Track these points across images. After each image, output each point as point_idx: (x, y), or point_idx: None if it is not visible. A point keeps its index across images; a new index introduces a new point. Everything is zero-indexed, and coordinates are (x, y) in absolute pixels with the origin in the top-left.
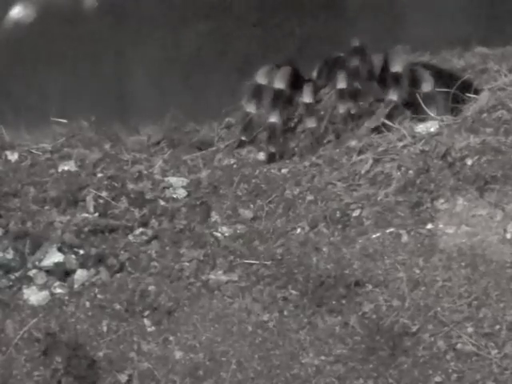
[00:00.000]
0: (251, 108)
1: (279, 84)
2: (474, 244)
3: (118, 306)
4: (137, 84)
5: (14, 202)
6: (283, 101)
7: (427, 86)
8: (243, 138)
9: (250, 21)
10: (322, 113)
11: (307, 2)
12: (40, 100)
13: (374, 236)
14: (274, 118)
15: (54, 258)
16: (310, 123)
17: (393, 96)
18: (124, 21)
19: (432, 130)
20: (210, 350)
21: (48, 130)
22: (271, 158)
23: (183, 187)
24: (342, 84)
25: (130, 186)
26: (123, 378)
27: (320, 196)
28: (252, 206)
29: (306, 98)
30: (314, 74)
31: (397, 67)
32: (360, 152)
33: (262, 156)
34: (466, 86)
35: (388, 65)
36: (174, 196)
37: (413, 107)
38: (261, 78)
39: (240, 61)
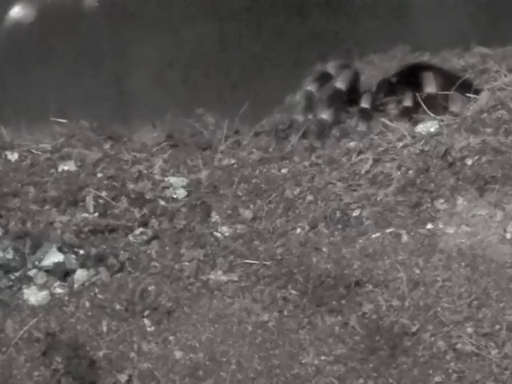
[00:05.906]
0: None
1: (340, 84)
2: (473, 244)
3: (117, 306)
4: (137, 84)
5: (13, 202)
6: (341, 101)
7: (431, 87)
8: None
9: (250, 21)
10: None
11: (308, 1)
12: (40, 100)
13: (373, 236)
14: (324, 115)
15: (53, 257)
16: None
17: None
18: (124, 21)
19: (432, 130)
20: (210, 350)
21: (48, 130)
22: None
23: (183, 187)
24: (408, 102)
25: (130, 185)
26: (123, 377)
27: (320, 196)
28: (252, 206)
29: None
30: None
31: (430, 88)
32: (360, 152)
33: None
34: (466, 86)
35: (422, 86)
36: (174, 196)
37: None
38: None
39: (240, 61)
